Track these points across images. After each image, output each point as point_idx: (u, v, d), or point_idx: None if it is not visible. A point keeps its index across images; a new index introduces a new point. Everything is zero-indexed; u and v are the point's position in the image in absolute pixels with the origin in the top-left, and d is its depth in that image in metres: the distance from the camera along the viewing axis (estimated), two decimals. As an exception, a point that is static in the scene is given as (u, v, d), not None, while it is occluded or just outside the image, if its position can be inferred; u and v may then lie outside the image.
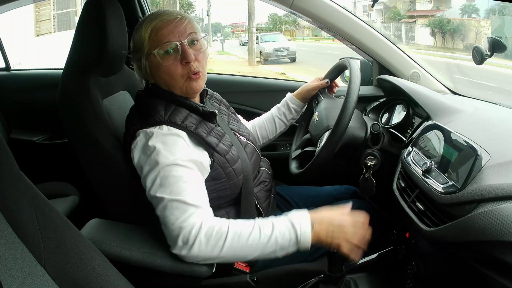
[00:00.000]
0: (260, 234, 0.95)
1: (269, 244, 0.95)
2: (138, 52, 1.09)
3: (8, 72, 2.11)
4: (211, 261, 0.97)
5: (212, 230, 0.95)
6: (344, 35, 1.55)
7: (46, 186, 1.60)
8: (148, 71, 1.09)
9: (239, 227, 0.97)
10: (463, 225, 0.84)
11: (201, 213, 0.97)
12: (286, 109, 1.46)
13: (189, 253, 0.95)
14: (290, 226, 0.96)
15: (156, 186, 0.98)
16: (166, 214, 0.97)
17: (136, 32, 1.09)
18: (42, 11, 9.09)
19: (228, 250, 0.95)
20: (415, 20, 13.84)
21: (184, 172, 0.99)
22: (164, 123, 1.03)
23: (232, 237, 0.95)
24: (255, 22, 13.72)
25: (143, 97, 1.13)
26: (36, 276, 0.72)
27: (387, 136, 1.32)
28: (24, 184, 0.78)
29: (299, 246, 0.96)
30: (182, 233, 0.95)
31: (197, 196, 1.00)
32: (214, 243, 0.94)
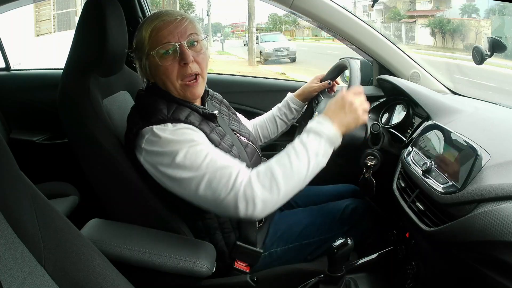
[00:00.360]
0: (298, 157, 0.97)
1: (311, 159, 0.98)
2: (139, 52, 1.09)
3: (8, 72, 2.12)
4: (279, 202, 0.97)
5: (259, 177, 0.96)
6: (344, 35, 1.55)
7: (46, 186, 1.60)
8: (148, 70, 1.09)
9: (276, 162, 0.98)
10: (463, 225, 0.84)
11: (241, 169, 0.97)
12: (287, 109, 1.46)
13: (256, 208, 0.94)
14: (318, 135, 1.00)
15: (187, 169, 0.97)
16: (214, 188, 0.95)
17: (138, 32, 1.09)
18: (42, 11, 9.09)
19: (284, 184, 0.95)
20: (415, 20, 13.84)
21: (205, 146, 1.00)
22: (167, 120, 1.03)
23: (278, 172, 0.95)
24: (255, 22, 13.73)
25: (144, 97, 1.13)
26: (36, 276, 0.72)
27: (387, 136, 1.32)
28: (24, 184, 0.78)
29: (334, 144, 1.02)
30: (239, 195, 0.94)
31: (227, 158, 1.01)
32: (269, 186, 0.95)
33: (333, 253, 0.91)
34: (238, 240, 1.16)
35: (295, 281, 1.04)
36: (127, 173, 1.09)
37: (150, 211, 1.11)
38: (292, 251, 1.21)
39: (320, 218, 1.27)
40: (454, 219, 0.87)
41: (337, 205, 1.31)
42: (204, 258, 1.05)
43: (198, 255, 1.04)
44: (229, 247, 1.16)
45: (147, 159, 1.04)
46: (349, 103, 1.04)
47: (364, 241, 1.28)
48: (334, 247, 0.91)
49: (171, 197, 1.12)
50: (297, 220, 1.27)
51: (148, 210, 1.11)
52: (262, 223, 1.23)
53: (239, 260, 1.16)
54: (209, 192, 0.96)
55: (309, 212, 1.31)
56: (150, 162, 1.04)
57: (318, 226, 1.24)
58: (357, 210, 1.28)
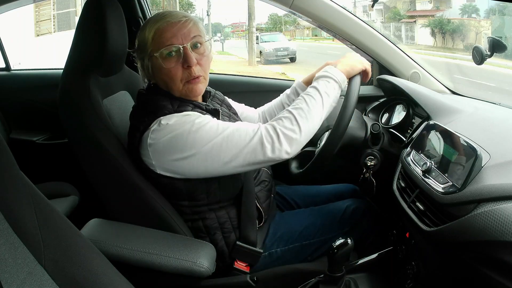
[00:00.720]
0: (312, 97, 1.06)
1: (324, 98, 1.07)
2: (142, 52, 1.09)
3: (8, 72, 2.11)
4: (302, 141, 1.03)
5: (280, 120, 1.03)
6: (344, 35, 1.55)
7: (46, 186, 1.60)
8: (150, 71, 1.09)
9: (293, 107, 1.05)
10: (463, 225, 0.84)
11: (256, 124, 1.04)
12: (296, 96, 1.40)
13: (282, 145, 1.00)
14: (324, 78, 1.11)
15: (205, 140, 1.00)
16: (236, 140, 1.00)
17: (141, 32, 1.09)
18: (42, 11, 9.09)
19: (304, 123, 1.02)
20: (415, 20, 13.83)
21: (215, 120, 1.05)
22: (173, 113, 1.04)
23: (297, 114, 1.03)
24: (255, 22, 13.71)
25: (145, 95, 1.13)
26: (36, 276, 0.72)
27: (387, 136, 1.32)
28: (24, 184, 0.78)
29: (340, 84, 1.12)
30: (263, 135, 1.00)
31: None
32: (291, 126, 1.01)
33: (333, 253, 0.91)
34: (238, 240, 1.16)
35: (295, 281, 1.04)
36: (127, 173, 1.10)
37: (150, 211, 1.11)
38: (292, 251, 1.21)
39: (320, 218, 1.27)
40: (454, 219, 0.87)
41: (337, 206, 1.31)
42: (204, 258, 1.04)
43: (198, 255, 1.04)
44: (229, 247, 1.16)
45: (156, 155, 1.04)
46: (351, 54, 1.20)
47: (364, 241, 1.28)
48: (334, 247, 0.91)
49: (172, 196, 1.13)
50: (298, 220, 1.27)
51: (148, 210, 1.11)
52: (262, 223, 1.23)
53: (239, 260, 1.16)
54: (234, 149, 1.00)
55: (310, 213, 1.31)
56: (160, 155, 1.04)
57: (319, 227, 1.24)
58: (357, 211, 1.28)
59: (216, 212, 1.14)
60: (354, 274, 1.09)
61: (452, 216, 0.88)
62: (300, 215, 1.31)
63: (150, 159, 1.06)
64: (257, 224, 1.19)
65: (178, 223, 1.12)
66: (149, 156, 1.05)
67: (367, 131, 1.29)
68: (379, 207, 1.37)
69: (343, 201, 1.35)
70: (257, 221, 1.20)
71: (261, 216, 1.21)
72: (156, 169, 1.06)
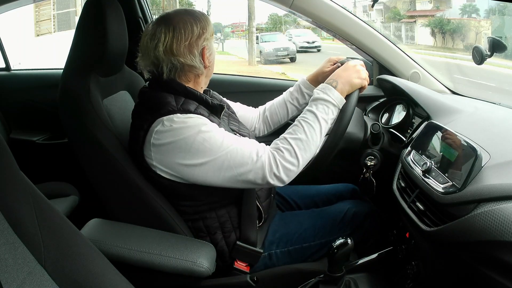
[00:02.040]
0: (311, 126, 1.07)
1: (322, 125, 1.08)
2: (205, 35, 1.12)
3: (8, 72, 2.11)
4: (300, 171, 1.06)
5: (280, 152, 1.04)
6: (344, 35, 1.54)
7: (46, 186, 1.60)
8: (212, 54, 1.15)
9: (293, 138, 1.06)
10: (463, 225, 0.84)
11: (258, 145, 1.06)
12: (299, 94, 1.41)
13: (281, 179, 1.04)
14: (323, 102, 1.09)
15: (207, 153, 1.02)
16: (238, 163, 1.02)
17: (198, 21, 1.11)
18: (42, 11, 9.08)
19: (302, 156, 1.05)
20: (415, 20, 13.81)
21: (219, 130, 1.06)
22: (177, 111, 1.05)
23: (296, 146, 1.04)
24: (255, 22, 13.70)
25: (149, 92, 1.13)
26: (36, 276, 0.72)
27: (387, 136, 1.32)
28: (24, 184, 0.78)
29: (339, 107, 1.11)
30: (265, 165, 1.02)
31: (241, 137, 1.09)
32: (290, 161, 1.04)
33: (333, 253, 0.91)
34: (238, 240, 1.16)
35: (295, 281, 1.04)
36: (127, 173, 1.10)
37: (150, 211, 1.11)
38: (292, 253, 1.21)
39: (320, 221, 1.26)
40: (454, 219, 0.87)
41: (338, 208, 1.31)
42: (204, 258, 1.05)
43: (198, 255, 1.04)
44: (229, 247, 1.16)
45: (158, 156, 1.05)
46: (352, 66, 1.15)
47: (365, 243, 1.28)
48: (334, 247, 0.91)
49: (172, 197, 1.13)
50: (298, 222, 1.27)
51: (148, 210, 1.11)
52: (262, 223, 1.23)
53: (239, 260, 1.16)
54: (235, 169, 1.03)
55: (310, 215, 1.30)
56: (163, 155, 1.04)
57: (319, 229, 1.24)
58: (358, 214, 1.27)
59: (216, 211, 1.14)
60: (354, 274, 1.09)
61: (452, 216, 0.88)
62: (300, 216, 1.30)
63: (152, 159, 1.06)
64: (257, 224, 1.19)
65: (178, 223, 1.12)
66: (151, 156, 1.06)
67: (367, 131, 1.29)
68: (379, 207, 1.36)
69: (344, 203, 1.34)
70: (257, 221, 1.20)
71: (261, 216, 1.21)
72: (157, 169, 1.07)
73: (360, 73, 1.14)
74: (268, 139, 1.60)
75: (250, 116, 1.43)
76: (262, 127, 1.45)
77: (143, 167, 1.08)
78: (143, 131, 1.06)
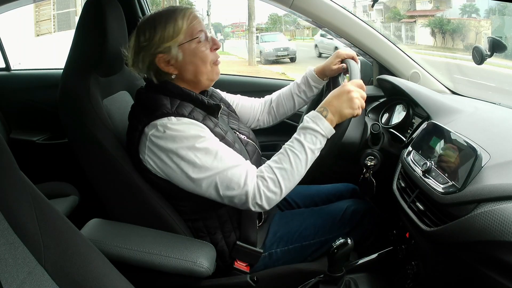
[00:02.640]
0: (297, 156, 1.05)
1: (308, 156, 1.06)
2: (167, 42, 1.08)
3: (8, 72, 2.12)
4: (281, 198, 1.06)
5: (265, 181, 1.04)
6: (344, 35, 1.54)
7: (46, 186, 1.60)
8: (178, 60, 1.09)
9: (278, 167, 1.05)
10: (463, 225, 0.84)
11: (249, 169, 1.05)
12: (307, 87, 1.39)
13: (263, 207, 1.04)
14: (312, 132, 1.06)
15: (197, 169, 1.02)
16: (225, 187, 1.03)
17: (166, 24, 1.08)
18: (42, 11, 9.09)
19: (286, 185, 1.05)
20: (415, 20, 13.82)
21: (213, 143, 1.05)
22: (172, 114, 1.04)
23: (280, 177, 1.04)
24: (255, 22, 13.71)
25: (145, 94, 1.13)
26: (36, 276, 0.72)
27: (387, 136, 1.32)
28: (24, 184, 0.78)
29: (327, 137, 1.08)
30: (249, 196, 1.03)
31: (234, 154, 1.07)
32: (274, 190, 1.04)
33: (333, 253, 0.91)
34: (238, 240, 1.16)
35: (295, 281, 1.04)
36: (127, 173, 1.10)
37: (150, 211, 1.11)
38: (292, 252, 1.21)
39: (320, 219, 1.26)
40: (454, 219, 0.87)
41: (337, 207, 1.31)
42: (204, 258, 1.05)
43: (198, 255, 1.04)
44: (229, 247, 1.16)
45: (152, 157, 1.05)
46: (347, 91, 1.07)
47: (364, 242, 1.28)
48: (334, 247, 0.91)
49: (171, 197, 1.13)
50: (298, 221, 1.27)
51: (148, 210, 1.11)
52: (262, 222, 1.23)
53: (239, 260, 1.16)
54: (221, 190, 1.03)
55: (310, 213, 1.31)
56: (156, 159, 1.05)
57: (319, 228, 1.24)
58: (358, 212, 1.28)
59: (216, 211, 1.14)
60: (354, 274, 1.09)
61: (452, 216, 0.88)
62: (300, 215, 1.31)
63: (147, 162, 1.06)
64: (257, 224, 1.19)
65: (178, 223, 1.12)
66: (146, 160, 1.06)
67: (367, 131, 1.29)
68: (379, 207, 1.36)
69: (343, 201, 1.35)
70: (257, 221, 1.20)
71: (261, 216, 1.21)
72: (154, 171, 1.07)
73: (352, 102, 1.06)
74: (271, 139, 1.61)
75: (251, 106, 1.42)
76: (267, 118, 1.44)
77: (140, 167, 1.09)
78: (137, 132, 1.06)
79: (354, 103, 1.07)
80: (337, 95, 1.08)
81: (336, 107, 1.07)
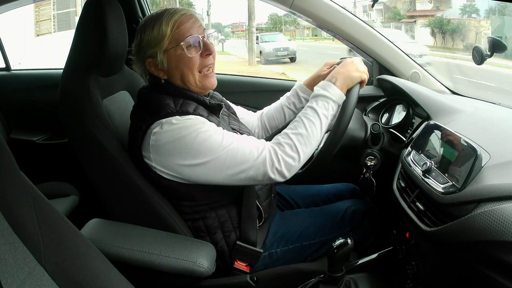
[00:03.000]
0: (312, 122, 1.07)
1: (323, 121, 1.08)
2: (153, 48, 1.08)
3: (8, 72, 2.11)
4: (301, 165, 1.07)
5: (281, 147, 1.04)
6: (344, 35, 1.54)
7: (46, 186, 1.60)
8: (164, 66, 1.09)
9: (294, 132, 1.06)
10: (463, 225, 0.84)
11: (258, 140, 1.07)
12: (296, 99, 1.41)
13: (283, 174, 1.04)
14: (323, 98, 1.10)
15: (208, 153, 1.02)
16: (239, 161, 1.02)
17: (153, 29, 1.08)
18: (42, 11, 9.09)
19: (303, 151, 1.05)
20: (415, 20, 13.81)
21: (218, 129, 1.06)
22: (176, 113, 1.05)
23: (297, 142, 1.05)
24: (255, 22, 13.70)
25: (147, 94, 1.13)
26: (36, 276, 0.72)
27: (387, 136, 1.32)
28: (24, 184, 0.78)
29: (339, 103, 1.12)
30: (267, 161, 1.03)
31: (241, 135, 1.09)
32: (291, 155, 1.04)
33: (333, 253, 0.91)
34: (238, 240, 1.16)
35: (295, 281, 1.04)
36: (127, 173, 1.10)
37: (150, 211, 1.11)
38: (292, 252, 1.21)
39: (320, 219, 1.26)
40: (454, 219, 0.87)
41: (338, 207, 1.31)
42: (204, 258, 1.05)
43: (198, 255, 1.04)
44: (229, 246, 1.16)
45: (158, 155, 1.05)
46: (350, 61, 1.16)
47: (364, 242, 1.28)
48: (334, 247, 0.91)
49: (172, 197, 1.13)
50: (298, 221, 1.27)
51: (148, 209, 1.11)
52: (262, 222, 1.23)
53: (239, 260, 1.16)
54: (235, 167, 1.03)
55: (310, 213, 1.31)
56: (162, 155, 1.04)
57: (319, 227, 1.24)
58: (358, 212, 1.28)
59: (216, 211, 1.14)
60: (354, 274, 1.09)
61: (452, 216, 0.88)
62: (300, 215, 1.31)
63: (151, 160, 1.06)
64: (257, 224, 1.19)
65: (178, 223, 1.12)
66: (151, 157, 1.06)
67: (367, 131, 1.29)
68: (379, 207, 1.36)
69: (344, 201, 1.35)
70: (257, 221, 1.20)
71: (261, 215, 1.21)
72: (157, 170, 1.07)
73: (358, 67, 1.15)
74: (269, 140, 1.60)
75: (250, 121, 1.43)
76: (261, 132, 1.45)
77: (142, 167, 1.09)
78: (141, 132, 1.06)
79: (360, 67, 1.15)
80: (342, 65, 1.16)
81: (343, 73, 1.13)
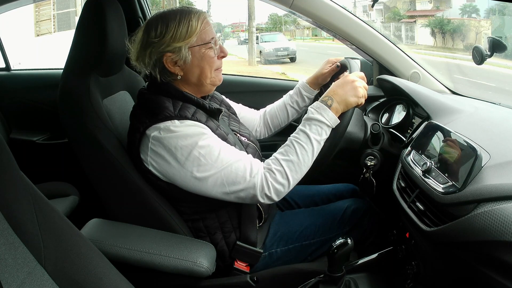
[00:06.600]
0: (303, 148, 1.06)
1: (314, 147, 1.06)
2: (178, 42, 1.06)
3: (8, 72, 2.11)
4: (290, 190, 1.07)
5: (272, 174, 1.05)
6: (344, 35, 1.54)
7: (46, 186, 1.60)
8: (187, 62, 1.08)
9: (285, 159, 1.06)
10: (463, 225, 0.84)
11: (252, 161, 1.06)
12: (299, 97, 1.41)
13: (272, 198, 1.05)
14: (317, 122, 1.07)
15: (202, 168, 1.02)
16: (231, 182, 1.03)
17: (179, 23, 1.07)
18: (42, 11, 9.09)
19: (293, 177, 1.05)
20: (415, 20, 13.82)
21: (215, 141, 1.05)
22: (175, 117, 1.04)
23: (287, 168, 1.05)
24: (255, 22, 13.70)
25: (147, 95, 1.12)
26: (36, 276, 0.72)
27: (387, 136, 1.31)
28: (24, 184, 0.78)
29: (332, 127, 1.09)
30: (257, 187, 1.03)
31: (237, 150, 1.08)
32: (281, 182, 1.05)
33: (333, 253, 0.91)
34: (238, 240, 1.16)
35: (295, 281, 1.04)
36: (127, 173, 1.10)
37: (150, 211, 1.11)
38: (292, 251, 1.21)
39: (320, 219, 1.27)
40: (454, 219, 0.87)
41: (338, 206, 1.31)
42: (204, 258, 1.05)
43: (198, 255, 1.04)
44: (229, 247, 1.16)
45: (155, 159, 1.05)
46: (351, 81, 1.10)
47: (364, 242, 1.28)
48: (334, 247, 0.91)
49: (171, 197, 1.13)
50: (298, 220, 1.27)
51: (148, 210, 1.11)
52: (262, 223, 1.23)
53: (239, 260, 1.16)
54: (227, 186, 1.03)
55: (310, 213, 1.31)
56: (159, 160, 1.05)
57: (319, 227, 1.24)
58: (358, 211, 1.28)
59: (216, 211, 1.14)
60: (354, 274, 1.09)
61: (452, 216, 0.88)
62: (300, 215, 1.31)
63: (148, 164, 1.06)
64: (257, 224, 1.19)
65: (178, 223, 1.12)
66: (148, 161, 1.06)
67: (367, 131, 1.29)
68: (379, 207, 1.36)
69: (343, 201, 1.35)
70: (257, 221, 1.20)
71: (261, 216, 1.21)
72: (154, 172, 1.07)
73: (357, 91, 1.09)
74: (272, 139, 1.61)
75: (252, 118, 1.43)
76: (263, 130, 1.45)
77: (141, 168, 1.09)
78: (139, 134, 1.06)
79: (358, 92, 1.09)
80: (341, 84, 1.10)
81: (341, 95, 1.08)
